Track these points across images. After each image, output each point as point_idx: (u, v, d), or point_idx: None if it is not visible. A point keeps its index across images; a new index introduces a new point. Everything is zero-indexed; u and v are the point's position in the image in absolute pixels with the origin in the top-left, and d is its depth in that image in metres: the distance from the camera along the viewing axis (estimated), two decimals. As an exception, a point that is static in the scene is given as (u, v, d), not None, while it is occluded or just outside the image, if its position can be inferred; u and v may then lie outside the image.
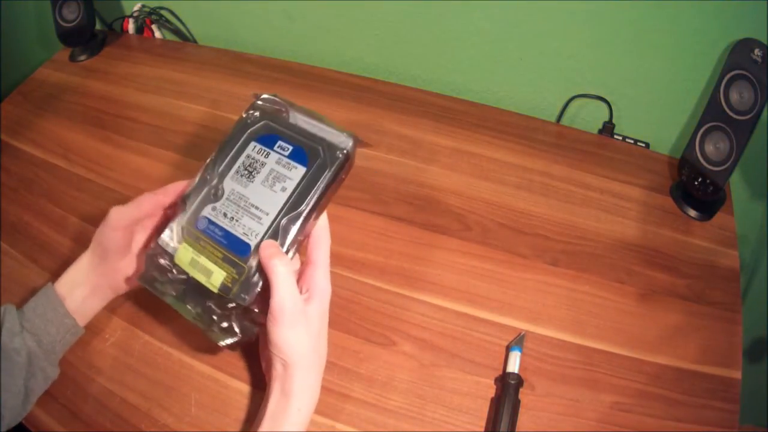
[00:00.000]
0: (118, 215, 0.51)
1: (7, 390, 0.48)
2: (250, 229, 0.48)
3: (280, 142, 0.49)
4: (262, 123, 0.51)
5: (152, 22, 0.98)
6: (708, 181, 0.64)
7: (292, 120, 0.50)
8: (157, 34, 0.99)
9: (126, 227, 0.52)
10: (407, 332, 0.57)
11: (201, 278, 0.49)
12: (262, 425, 0.44)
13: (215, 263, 0.48)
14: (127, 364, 0.55)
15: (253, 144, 0.50)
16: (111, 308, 0.59)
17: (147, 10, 0.97)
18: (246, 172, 0.49)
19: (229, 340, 0.49)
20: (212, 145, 0.75)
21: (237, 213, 0.49)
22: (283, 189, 0.48)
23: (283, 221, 0.47)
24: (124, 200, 0.69)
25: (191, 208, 0.50)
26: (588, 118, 0.81)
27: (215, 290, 0.48)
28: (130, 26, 0.98)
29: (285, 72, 0.87)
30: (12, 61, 1.10)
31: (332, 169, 0.48)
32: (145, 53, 0.94)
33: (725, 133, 0.62)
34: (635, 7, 0.67)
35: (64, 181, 0.74)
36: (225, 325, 0.49)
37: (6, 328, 0.49)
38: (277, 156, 0.49)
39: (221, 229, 0.49)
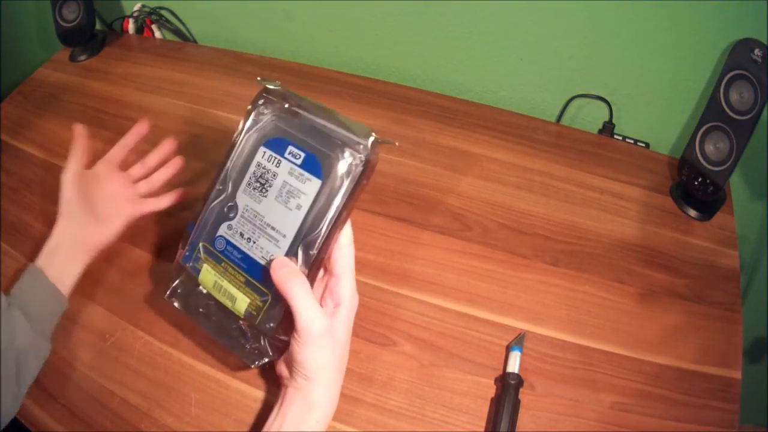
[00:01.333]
0: (64, 175, 0.58)
1: None
2: (268, 253, 0.45)
3: (291, 148, 0.45)
4: (270, 122, 0.46)
5: (152, 22, 0.98)
6: (708, 181, 0.64)
7: (302, 118, 0.45)
8: (157, 34, 0.99)
9: (73, 179, 0.58)
10: (407, 332, 0.57)
11: (226, 303, 0.48)
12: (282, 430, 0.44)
13: (238, 288, 0.47)
14: (127, 364, 0.55)
15: (262, 150, 0.46)
16: (111, 308, 0.59)
17: (147, 10, 0.97)
18: (258, 184, 0.46)
19: (262, 361, 0.48)
20: (213, 145, 0.75)
21: (254, 234, 0.46)
22: (298, 207, 0.44)
23: (302, 244, 0.44)
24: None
25: (208, 224, 0.48)
26: (588, 118, 0.81)
27: (241, 316, 0.47)
28: (130, 26, 0.98)
29: (285, 72, 0.87)
30: (12, 61, 1.10)
31: (350, 180, 0.43)
32: (145, 53, 0.94)
33: (725, 133, 0.62)
34: (635, 8, 0.67)
35: (64, 181, 0.73)
36: (257, 345, 0.48)
37: None
38: (289, 165, 0.45)
39: (240, 251, 0.46)
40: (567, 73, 0.77)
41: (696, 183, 0.65)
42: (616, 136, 0.78)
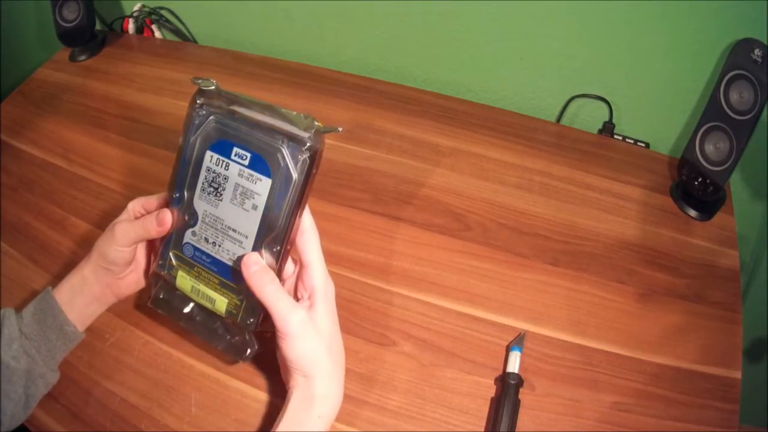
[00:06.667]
0: (124, 235, 0.50)
1: (7, 397, 0.47)
2: (234, 254, 0.46)
3: (236, 149, 0.45)
4: (212, 125, 0.46)
5: (152, 22, 0.98)
6: (708, 181, 0.64)
7: (242, 117, 0.45)
8: (157, 34, 0.99)
9: (132, 244, 0.51)
10: (407, 332, 0.57)
11: (206, 305, 0.48)
12: (281, 428, 0.44)
13: (215, 290, 0.47)
14: (127, 364, 0.55)
15: (209, 154, 0.46)
16: (111, 308, 0.59)
17: (147, 10, 0.97)
18: (212, 189, 0.46)
19: (249, 354, 0.49)
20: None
21: (217, 237, 0.47)
22: (254, 207, 0.45)
23: (265, 242, 0.45)
24: (124, 200, 0.69)
25: (174, 232, 0.49)
26: (588, 118, 0.81)
27: (222, 315, 0.48)
28: (130, 26, 0.98)
29: (285, 72, 0.87)
30: (12, 61, 1.10)
31: (299, 173, 0.43)
32: (145, 53, 0.94)
33: (725, 133, 0.62)
34: (635, 7, 0.67)
35: (64, 181, 0.73)
36: (241, 339, 0.49)
37: (5, 335, 0.49)
38: (238, 167, 0.45)
39: (208, 255, 0.47)
40: (567, 73, 0.77)
41: (696, 183, 0.65)
42: (616, 136, 0.78)
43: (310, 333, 0.44)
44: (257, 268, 0.44)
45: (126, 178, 0.73)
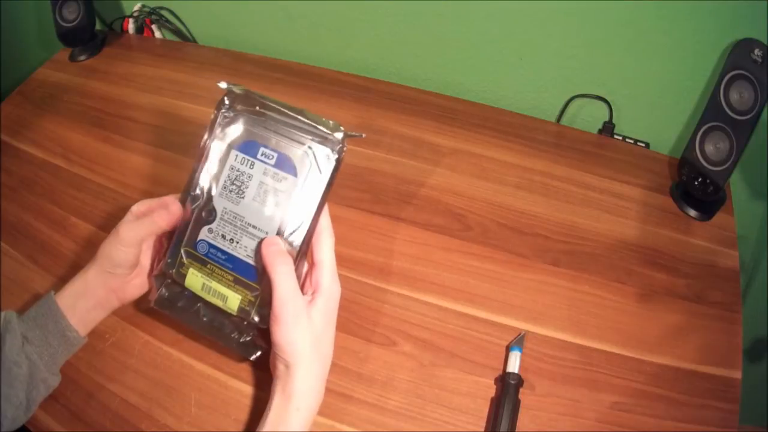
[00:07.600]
0: (130, 233, 0.49)
1: (8, 401, 0.47)
2: (252, 251, 0.47)
3: (263, 149, 0.46)
4: (239, 126, 0.47)
5: (152, 22, 0.98)
6: (708, 181, 0.64)
7: (270, 118, 0.46)
8: (157, 34, 0.99)
9: (138, 244, 0.51)
10: (407, 332, 0.57)
11: (217, 302, 0.48)
12: (262, 425, 0.44)
13: (228, 287, 0.48)
14: (128, 365, 0.55)
15: (234, 153, 0.47)
16: (111, 308, 0.59)
17: (147, 10, 0.97)
18: (234, 187, 0.47)
19: (258, 353, 0.49)
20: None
21: (236, 234, 0.47)
22: (277, 204, 0.46)
23: (285, 240, 0.46)
24: (124, 200, 0.70)
25: (187, 230, 0.49)
26: (588, 118, 0.81)
27: (234, 313, 0.48)
28: (130, 26, 0.98)
29: (285, 72, 0.87)
30: (12, 61, 1.10)
31: (324, 175, 0.45)
32: (145, 53, 0.94)
33: (725, 133, 0.62)
34: (635, 7, 0.67)
35: (64, 181, 0.73)
36: (249, 338, 0.49)
37: (7, 339, 0.49)
38: (263, 166, 0.46)
39: (224, 252, 0.48)
40: (567, 73, 0.77)
41: (696, 183, 0.65)
42: (616, 136, 0.78)
43: (302, 324, 0.45)
44: (276, 248, 0.45)
45: (126, 178, 0.73)
